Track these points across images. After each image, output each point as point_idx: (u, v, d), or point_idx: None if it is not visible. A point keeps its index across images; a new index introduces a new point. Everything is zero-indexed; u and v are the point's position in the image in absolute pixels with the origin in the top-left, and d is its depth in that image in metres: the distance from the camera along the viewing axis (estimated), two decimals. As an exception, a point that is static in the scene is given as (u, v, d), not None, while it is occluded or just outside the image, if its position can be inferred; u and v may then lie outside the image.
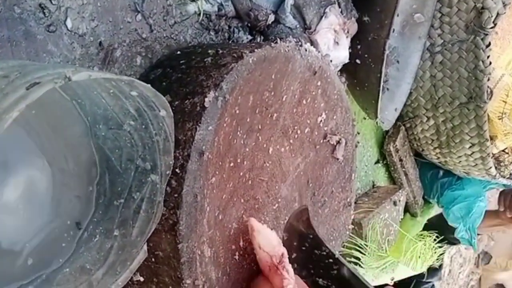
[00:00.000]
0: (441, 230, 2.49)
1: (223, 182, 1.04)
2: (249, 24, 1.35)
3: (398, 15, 1.90)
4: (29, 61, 0.84)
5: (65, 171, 0.83)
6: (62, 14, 0.93)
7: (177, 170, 0.90)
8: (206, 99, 0.96)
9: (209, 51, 1.11)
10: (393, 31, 1.88)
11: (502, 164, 2.21)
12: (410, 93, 1.98)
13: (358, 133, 2.06)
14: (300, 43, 1.19)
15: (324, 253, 1.15)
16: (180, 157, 0.91)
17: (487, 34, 1.77)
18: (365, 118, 2.04)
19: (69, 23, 0.94)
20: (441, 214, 2.52)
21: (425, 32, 1.90)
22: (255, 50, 1.06)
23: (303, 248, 1.19)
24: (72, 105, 0.86)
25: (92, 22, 0.99)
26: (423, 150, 2.15)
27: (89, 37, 0.99)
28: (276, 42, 1.12)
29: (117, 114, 0.82)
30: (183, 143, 0.93)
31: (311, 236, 1.19)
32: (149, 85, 0.72)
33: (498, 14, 1.73)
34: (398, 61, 1.96)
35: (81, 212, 0.87)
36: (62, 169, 0.83)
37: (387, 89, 1.92)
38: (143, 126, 0.81)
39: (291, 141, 1.27)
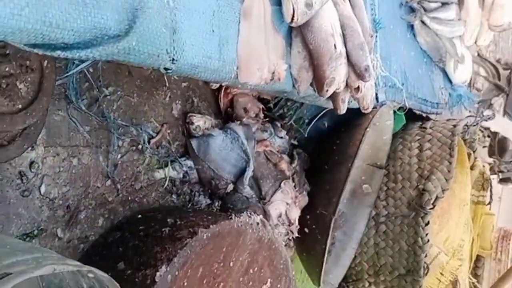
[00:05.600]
0: None
1: None
2: (209, 190, 1.46)
3: (348, 184, 2.09)
4: (1, 237, 0.90)
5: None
6: (38, 181, 1.03)
7: None
8: (158, 273, 1.03)
9: (168, 219, 1.20)
10: (342, 200, 2.05)
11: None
12: (355, 257, 2.08)
13: (303, 292, 2.12)
14: (253, 217, 1.30)
15: None
16: (124, 330, 0.96)
17: (426, 214, 1.93)
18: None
19: (43, 189, 1.03)
20: None
21: (371, 202, 2.06)
22: (210, 226, 1.16)
23: None
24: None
25: (64, 187, 1.08)
26: (364, 314, 2.20)
27: (58, 200, 1.07)
28: (231, 218, 1.23)
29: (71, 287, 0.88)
30: (129, 316, 0.98)
31: None
32: (107, 275, 0.79)
33: (437, 197, 1.91)
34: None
35: None
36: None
37: (333, 252, 2.03)
38: (94, 303, 0.86)
39: (235, 308, 1.32)
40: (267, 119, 1.62)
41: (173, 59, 0.82)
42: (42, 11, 0.61)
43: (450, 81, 2.53)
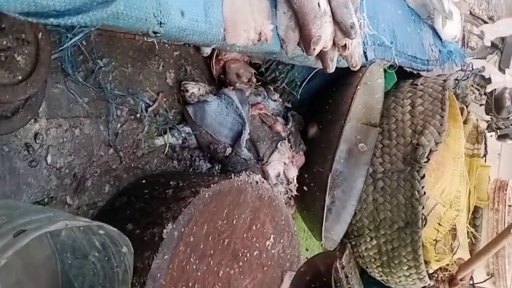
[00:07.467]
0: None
1: (174, 305, 1.14)
2: (209, 154, 1.52)
3: (343, 144, 2.15)
4: (13, 201, 0.96)
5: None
6: (44, 151, 1.08)
7: (133, 296, 1.01)
8: (164, 231, 1.09)
9: (171, 182, 1.26)
10: (339, 159, 2.12)
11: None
12: (355, 213, 2.15)
13: (307, 250, 2.20)
14: (252, 176, 1.36)
15: None
16: (136, 283, 1.02)
17: (421, 167, 1.99)
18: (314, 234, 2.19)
19: (49, 159, 1.09)
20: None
21: (368, 159, 2.12)
22: (211, 185, 1.22)
23: (312, 285, 1.32)
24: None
25: (69, 157, 1.14)
26: (367, 267, 2.29)
27: (65, 169, 1.13)
28: (230, 177, 1.29)
29: (84, 246, 0.94)
30: (140, 271, 1.04)
31: (324, 280, 1.32)
32: (115, 229, 0.85)
33: (431, 151, 1.97)
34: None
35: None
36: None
37: (334, 210, 2.10)
38: (106, 258, 0.93)
39: (240, 263, 1.39)
40: (259, 83, 1.66)
41: (160, 23, 0.87)
42: (34, -20, 0.65)
43: (440, 38, 2.56)
